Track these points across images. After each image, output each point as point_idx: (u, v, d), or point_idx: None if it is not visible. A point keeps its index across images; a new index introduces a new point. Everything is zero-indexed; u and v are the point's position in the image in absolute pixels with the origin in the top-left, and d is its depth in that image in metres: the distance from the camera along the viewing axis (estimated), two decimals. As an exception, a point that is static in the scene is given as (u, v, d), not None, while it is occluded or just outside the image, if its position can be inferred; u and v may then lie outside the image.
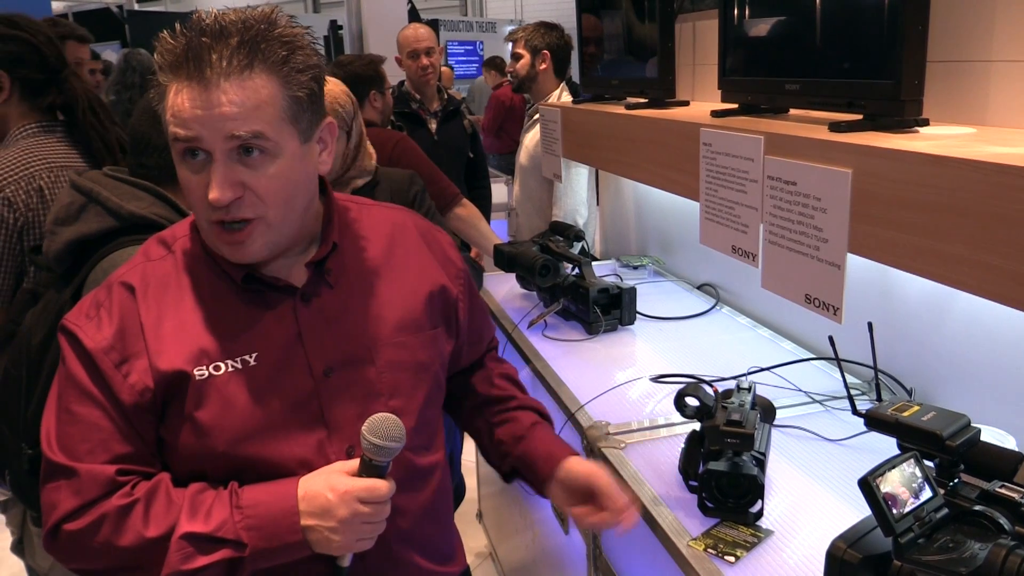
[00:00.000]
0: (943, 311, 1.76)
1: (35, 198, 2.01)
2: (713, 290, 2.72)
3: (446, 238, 1.47)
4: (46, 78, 2.14)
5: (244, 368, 1.19)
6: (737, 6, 2.00)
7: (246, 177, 1.11)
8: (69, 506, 1.14)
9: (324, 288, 1.26)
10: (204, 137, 1.09)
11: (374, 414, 1.14)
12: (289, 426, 1.21)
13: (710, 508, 1.48)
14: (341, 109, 2.20)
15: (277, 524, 1.13)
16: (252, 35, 1.09)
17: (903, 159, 1.39)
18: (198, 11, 1.13)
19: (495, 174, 5.57)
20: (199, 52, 1.07)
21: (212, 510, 1.14)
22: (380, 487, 1.15)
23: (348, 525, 1.14)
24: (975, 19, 1.56)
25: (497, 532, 3.22)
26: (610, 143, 2.70)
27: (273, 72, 1.11)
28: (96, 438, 1.15)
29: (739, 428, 1.45)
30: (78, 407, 1.16)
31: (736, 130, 1.86)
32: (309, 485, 1.16)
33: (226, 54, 1.07)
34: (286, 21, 1.14)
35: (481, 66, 11.93)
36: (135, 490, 1.15)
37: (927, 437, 1.18)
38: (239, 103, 1.08)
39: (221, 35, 1.08)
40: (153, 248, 1.27)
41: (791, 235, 1.70)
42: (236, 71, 1.08)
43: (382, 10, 5.84)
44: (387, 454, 1.14)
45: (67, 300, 1.60)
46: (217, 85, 1.07)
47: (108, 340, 1.16)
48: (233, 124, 1.08)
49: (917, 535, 1.05)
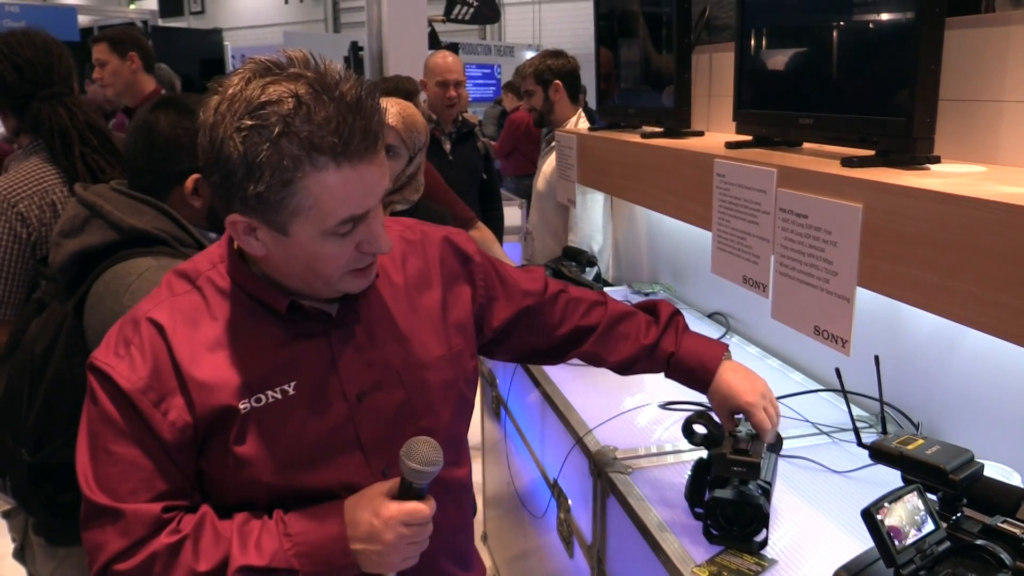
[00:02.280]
0: (952, 347, 1.77)
1: (48, 213, 2.04)
2: (723, 319, 2.73)
3: (461, 235, 1.48)
4: (18, 102, 2.15)
5: (284, 398, 1.21)
6: (753, 39, 2.03)
7: (382, 218, 1.19)
8: (117, 547, 1.14)
9: (352, 314, 1.29)
10: (373, 205, 1.15)
11: (411, 438, 1.17)
12: (329, 451, 1.23)
13: (715, 536, 1.49)
14: (417, 135, 2.22)
15: (327, 550, 1.16)
16: (366, 93, 1.12)
17: (913, 196, 1.41)
18: (295, 95, 1.07)
19: (508, 197, 5.61)
20: (357, 134, 1.08)
21: (262, 541, 1.15)
22: (422, 510, 1.18)
23: (394, 547, 1.17)
24: (988, 59, 1.58)
25: (501, 554, 3.23)
26: (625, 171, 2.73)
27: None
28: (138, 477, 1.15)
29: (746, 457, 1.46)
30: (117, 447, 1.16)
31: (749, 162, 1.89)
32: (354, 511, 1.18)
33: (371, 126, 1.11)
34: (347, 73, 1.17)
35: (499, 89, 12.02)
36: (181, 525, 1.16)
37: (931, 471, 1.19)
38: (386, 160, 1.16)
39: (361, 110, 1.10)
40: (176, 283, 1.26)
41: (801, 267, 1.72)
42: (381, 137, 1.14)
43: (403, 32, 5.90)
44: (426, 477, 1.16)
45: (70, 311, 1.63)
46: (379, 157, 1.13)
47: (144, 380, 1.17)
48: (386, 180, 1.16)
49: (918, 567, 1.07)
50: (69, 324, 1.63)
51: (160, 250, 1.61)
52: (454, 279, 1.42)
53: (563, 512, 2.17)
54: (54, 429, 1.65)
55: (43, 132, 2.12)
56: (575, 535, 2.09)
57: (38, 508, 1.74)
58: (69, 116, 2.13)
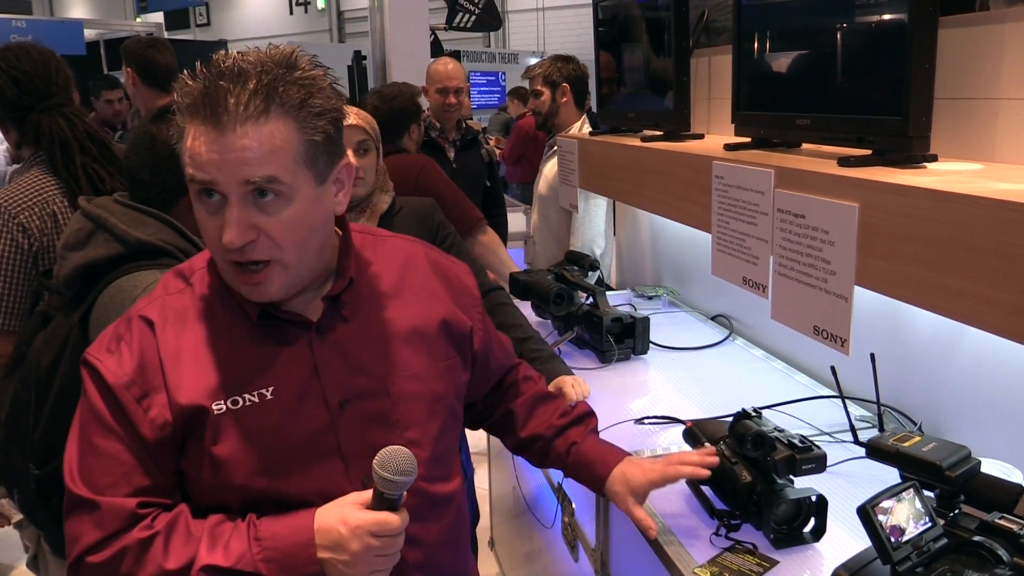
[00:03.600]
0: (952, 345, 1.77)
1: (49, 223, 2.05)
2: (727, 321, 2.73)
3: (462, 268, 1.47)
4: (18, 115, 2.16)
5: (261, 402, 1.20)
6: (750, 42, 2.04)
7: (260, 220, 1.12)
8: (91, 539, 1.15)
9: (339, 321, 1.27)
10: (219, 180, 1.10)
11: (385, 447, 1.14)
12: (306, 458, 1.22)
13: (778, 539, 1.48)
14: (372, 131, 2.24)
15: (294, 557, 1.15)
16: (270, 79, 1.09)
17: (909, 194, 1.41)
18: (218, 53, 1.14)
19: (513, 203, 5.63)
20: (216, 96, 1.08)
21: (231, 543, 1.15)
22: (391, 521, 1.15)
23: (361, 558, 1.14)
24: (983, 57, 1.59)
25: (509, 559, 3.23)
26: (625, 174, 2.73)
27: (289, 116, 1.11)
28: (118, 471, 1.16)
29: (812, 452, 1.46)
30: (100, 440, 1.17)
31: (747, 164, 1.89)
32: (324, 518, 1.17)
33: (243, 99, 1.08)
34: (307, 62, 1.15)
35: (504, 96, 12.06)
36: (155, 523, 1.16)
37: (927, 467, 1.19)
38: (254, 148, 1.09)
39: (239, 78, 1.09)
40: (172, 281, 1.28)
41: (800, 267, 1.72)
42: (252, 116, 1.08)
43: (406, 41, 5.92)
44: (398, 487, 1.14)
45: (75, 324, 1.63)
46: (233, 130, 1.08)
47: (129, 375, 1.18)
48: (248, 169, 1.09)
49: (915, 564, 1.07)
50: (75, 337, 1.63)
51: (165, 262, 1.61)
52: (455, 299, 1.40)
53: (567, 516, 2.17)
54: (61, 442, 1.65)
55: (44, 143, 2.13)
56: (579, 538, 2.09)
57: (46, 521, 1.75)
58: (69, 126, 2.14)
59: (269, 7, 21.28)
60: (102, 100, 5.44)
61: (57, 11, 21.81)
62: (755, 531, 1.53)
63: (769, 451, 1.48)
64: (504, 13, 15.64)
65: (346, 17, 20.58)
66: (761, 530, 1.51)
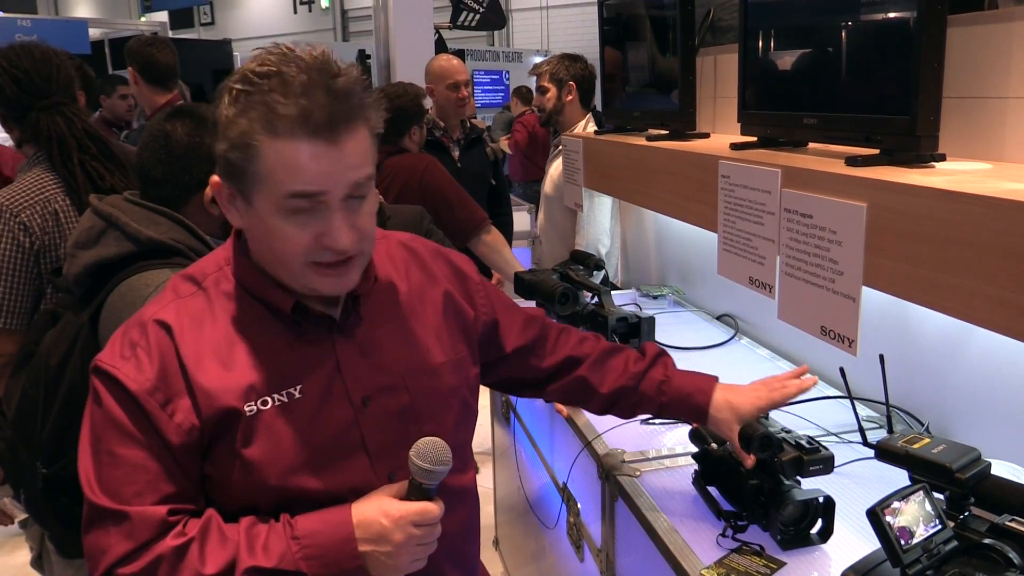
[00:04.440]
0: (960, 345, 1.76)
1: (51, 222, 2.05)
2: (732, 321, 2.72)
3: (458, 256, 1.50)
4: (17, 114, 2.17)
5: (290, 401, 1.21)
6: (757, 40, 2.03)
7: (355, 220, 1.17)
8: (122, 550, 1.13)
9: (356, 319, 1.29)
10: (331, 190, 1.13)
11: (420, 439, 1.17)
12: (334, 456, 1.23)
13: (785, 541, 1.48)
14: None
15: (336, 552, 1.16)
16: (347, 83, 1.13)
17: (917, 194, 1.41)
18: (265, 58, 1.13)
19: (518, 202, 5.62)
20: (319, 108, 1.10)
21: (269, 543, 1.15)
22: (432, 509, 1.18)
23: (403, 548, 1.17)
24: (991, 56, 1.58)
25: (513, 559, 3.22)
26: (631, 174, 2.73)
27: (366, 118, 1.16)
28: (143, 479, 1.15)
29: (819, 453, 1.46)
30: (121, 449, 1.16)
31: (754, 163, 1.88)
32: (363, 512, 1.18)
33: (342, 109, 1.11)
34: (341, 62, 1.18)
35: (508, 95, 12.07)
36: (187, 528, 1.15)
37: (937, 469, 1.18)
38: (359, 153, 1.14)
39: (326, 88, 1.11)
40: (181, 285, 1.27)
41: (807, 267, 1.71)
42: (352, 123, 1.13)
43: (410, 40, 5.91)
44: (436, 477, 1.17)
45: (85, 322, 1.63)
46: (344, 139, 1.12)
47: (151, 381, 1.17)
48: (355, 173, 1.14)
49: (925, 567, 1.06)
50: (84, 336, 1.63)
51: (176, 261, 1.61)
52: (459, 288, 1.44)
53: (572, 516, 2.16)
54: (69, 441, 1.64)
55: (42, 141, 2.13)
56: (585, 538, 2.08)
57: (52, 521, 1.75)
58: (67, 124, 2.14)
59: (273, 6, 21.30)
60: (116, 95, 5.44)
61: (62, 10, 21.86)
62: (762, 532, 1.52)
63: (776, 452, 1.47)
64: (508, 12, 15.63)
65: (350, 16, 20.59)
66: (768, 531, 1.50)
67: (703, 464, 1.66)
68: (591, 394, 1.62)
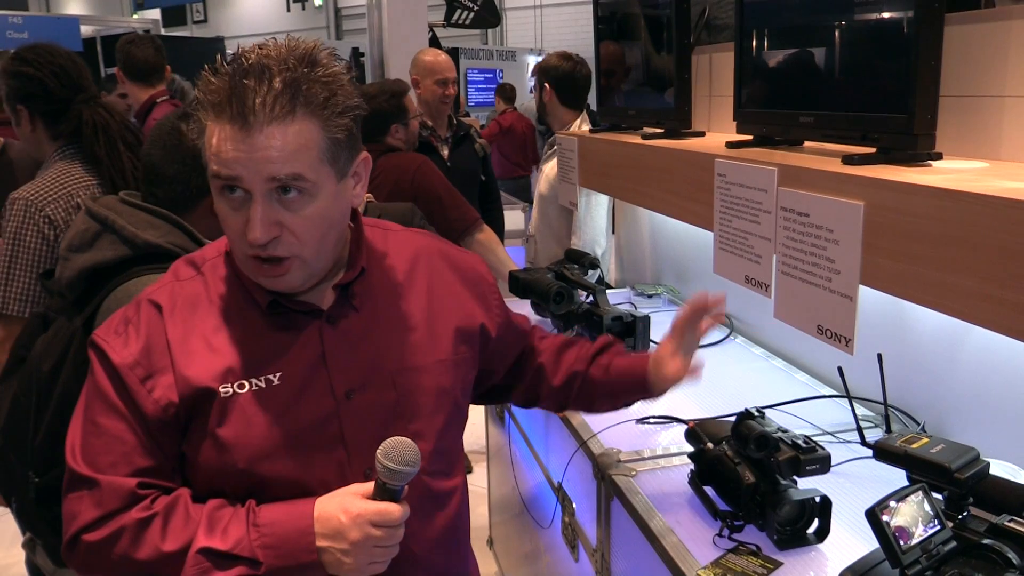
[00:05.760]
0: (957, 345, 1.76)
1: (74, 215, 2.08)
2: (727, 320, 2.72)
3: (474, 257, 1.49)
4: (57, 108, 2.23)
5: (267, 387, 1.21)
6: (753, 39, 2.02)
7: (284, 217, 1.13)
8: (89, 517, 1.16)
9: (349, 311, 1.28)
10: (244, 177, 1.10)
11: (390, 437, 1.15)
12: (309, 446, 1.22)
13: (782, 541, 1.47)
14: None
15: (292, 544, 1.15)
16: (295, 77, 1.10)
17: (914, 192, 1.40)
18: (239, 48, 1.13)
19: (511, 200, 5.61)
20: (242, 95, 1.08)
21: (229, 527, 1.15)
22: (392, 511, 1.15)
23: (360, 548, 1.14)
24: (988, 54, 1.57)
25: (507, 559, 3.22)
26: (626, 172, 2.72)
27: (314, 115, 1.12)
28: (119, 451, 1.17)
29: (816, 453, 1.45)
30: (104, 420, 1.18)
31: (750, 161, 1.88)
32: (324, 506, 1.17)
33: (269, 99, 1.08)
34: (327, 58, 1.15)
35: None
36: (154, 504, 1.17)
37: (936, 469, 1.18)
38: (280, 147, 1.09)
39: (264, 77, 1.09)
40: (182, 268, 1.29)
41: (804, 266, 1.71)
42: (279, 116, 1.09)
43: (404, 38, 5.89)
44: (401, 478, 1.14)
45: (78, 328, 1.58)
46: (260, 129, 1.08)
47: (134, 356, 1.19)
48: (274, 167, 1.10)
49: (924, 567, 1.06)
50: (77, 342, 1.58)
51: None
52: (470, 291, 1.41)
53: (568, 516, 2.16)
54: (63, 450, 1.62)
55: (86, 132, 2.19)
56: (580, 538, 2.08)
57: (45, 531, 1.72)
58: (109, 116, 2.22)
59: (266, 4, 21.26)
60: (116, 93, 5.44)
61: (54, 7, 21.75)
62: (758, 532, 1.51)
63: (773, 452, 1.47)
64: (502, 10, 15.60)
65: (344, 14, 20.56)
66: (765, 531, 1.50)
67: (699, 464, 1.66)
68: (545, 384, 1.62)
